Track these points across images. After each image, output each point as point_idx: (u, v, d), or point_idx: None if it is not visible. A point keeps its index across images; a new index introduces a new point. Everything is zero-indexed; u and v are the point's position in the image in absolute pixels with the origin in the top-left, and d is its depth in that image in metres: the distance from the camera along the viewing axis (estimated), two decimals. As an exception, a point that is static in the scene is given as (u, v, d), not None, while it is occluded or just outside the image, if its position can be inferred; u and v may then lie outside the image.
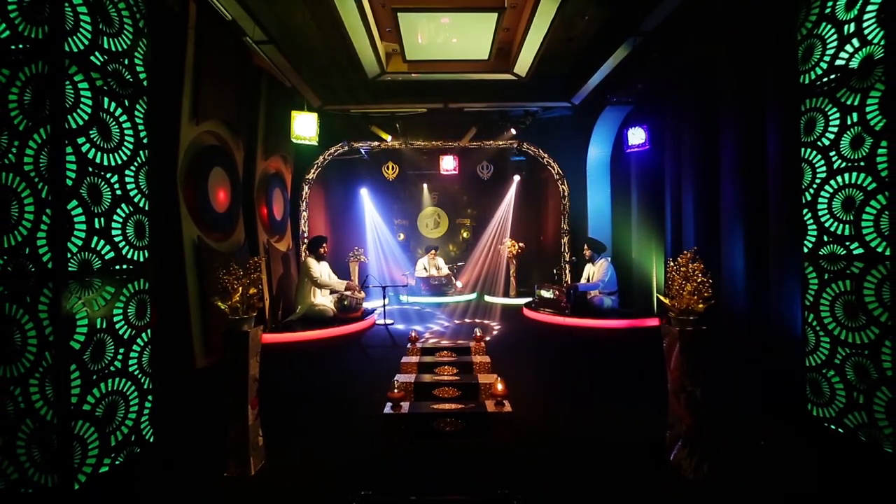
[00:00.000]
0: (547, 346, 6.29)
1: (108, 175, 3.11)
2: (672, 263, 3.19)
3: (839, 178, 3.26)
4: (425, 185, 11.70)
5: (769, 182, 4.26)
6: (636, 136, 6.71)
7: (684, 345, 2.99)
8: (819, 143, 3.40)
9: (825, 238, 3.37)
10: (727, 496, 2.85)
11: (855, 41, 3.13)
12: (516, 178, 11.00)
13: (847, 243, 3.21)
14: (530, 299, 7.83)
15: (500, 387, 3.48)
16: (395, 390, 3.48)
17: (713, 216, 5.18)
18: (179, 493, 3.01)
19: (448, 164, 9.12)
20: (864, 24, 3.06)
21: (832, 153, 3.30)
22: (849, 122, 3.19)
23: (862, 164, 3.09)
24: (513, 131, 8.50)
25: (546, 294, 7.16)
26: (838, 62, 3.25)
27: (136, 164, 3.34)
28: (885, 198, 2.94)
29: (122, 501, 2.99)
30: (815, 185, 3.45)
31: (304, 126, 6.30)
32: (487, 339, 6.43)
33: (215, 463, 3.19)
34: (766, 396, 4.04)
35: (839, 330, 3.27)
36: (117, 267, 3.16)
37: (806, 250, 3.53)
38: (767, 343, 4.20)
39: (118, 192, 3.19)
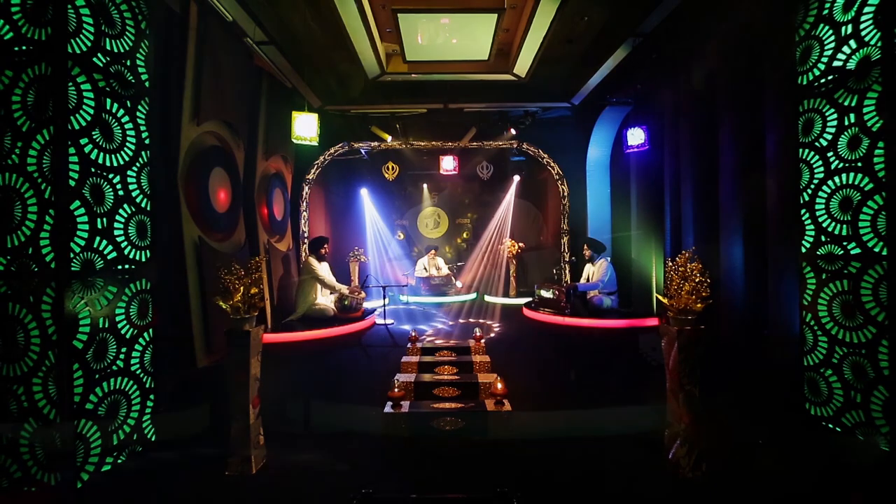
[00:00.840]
0: (546, 345, 6.30)
1: (111, 175, 3.13)
2: (671, 263, 3.21)
3: (837, 179, 3.28)
4: (425, 185, 11.71)
5: (767, 182, 4.28)
6: (635, 136, 6.72)
7: (682, 344, 3.01)
8: (817, 143, 3.42)
9: (823, 238, 3.39)
10: (725, 494, 2.87)
11: (852, 42, 3.15)
12: (516, 178, 11.02)
13: (844, 243, 3.23)
14: (530, 299, 7.85)
15: (499, 386, 3.50)
16: (396, 389, 3.50)
17: (712, 216, 5.20)
18: (181, 492, 3.03)
19: (448, 164, 9.14)
20: (862, 26, 3.08)
21: (830, 154, 3.33)
22: (846, 122, 3.21)
23: (859, 164, 3.11)
24: (513, 131, 8.52)
25: (546, 294, 7.18)
26: (836, 63, 3.27)
27: (137, 164, 3.37)
28: (882, 198, 2.97)
29: (125, 500, 3.01)
30: (812, 186, 3.47)
31: (305, 126, 6.31)
32: (488, 338, 6.45)
33: (217, 462, 3.21)
34: (764, 395, 4.05)
35: (837, 329, 3.29)
36: (119, 267, 3.18)
37: (804, 250, 3.55)
38: (765, 342, 4.21)
39: (120, 193, 3.21)
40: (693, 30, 5.08)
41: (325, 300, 6.55)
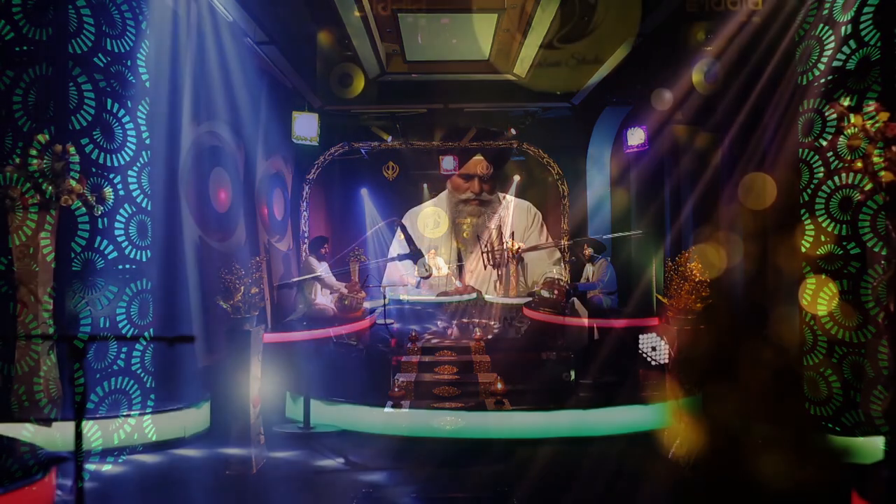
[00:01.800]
0: (546, 345, 6.30)
1: (111, 175, 3.14)
2: (671, 263, 3.22)
3: (836, 179, 3.27)
4: (425, 185, 11.71)
5: (767, 182, 4.28)
6: (635, 136, 6.73)
7: (682, 344, 3.02)
8: (817, 143, 3.42)
9: (822, 238, 3.39)
10: (724, 494, 2.87)
11: (852, 42, 3.15)
12: (516, 178, 11.02)
13: (844, 243, 3.23)
14: (530, 299, 7.84)
15: (499, 386, 3.51)
16: (396, 389, 3.50)
17: (712, 216, 5.21)
18: (181, 492, 3.03)
19: (448, 164, 9.14)
20: (861, 27, 3.08)
21: (829, 154, 3.32)
22: (846, 122, 3.20)
23: (859, 164, 3.10)
24: (513, 131, 8.52)
25: (546, 294, 7.18)
26: (836, 63, 3.27)
27: (138, 164, 3.37)
28: (882, 198, 2.96)
29: (125, 499, 3.01)
30: (812, 186, 3.47)
31: (305, 126, 6.32)
32: (487, 338, 6.44)
33: (217, 461, 3.21)
34: (763, 395, 4.05)
35: (836, 329, 3.29)
36: (120, 266, 3.19)
37: (804, 250, 3.55)
38: (765, 342, 4.21)
39: (121, 193, 3.21)
40: (693, 30, 5.09)
41: (325, 300, 6.55)
